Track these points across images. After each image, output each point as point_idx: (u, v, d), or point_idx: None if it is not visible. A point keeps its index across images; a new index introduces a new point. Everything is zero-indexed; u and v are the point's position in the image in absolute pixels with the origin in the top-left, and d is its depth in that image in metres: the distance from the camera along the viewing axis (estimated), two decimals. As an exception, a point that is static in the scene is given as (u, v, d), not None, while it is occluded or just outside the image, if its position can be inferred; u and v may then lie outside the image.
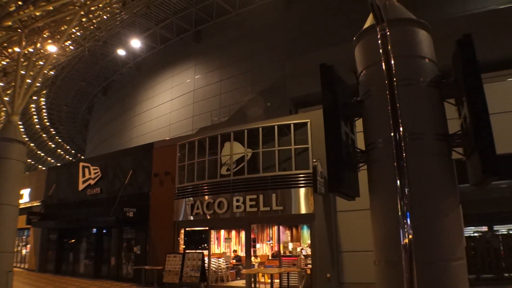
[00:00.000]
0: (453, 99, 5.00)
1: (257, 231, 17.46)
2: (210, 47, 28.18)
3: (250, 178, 14.04)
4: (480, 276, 14.17)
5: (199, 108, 27.13)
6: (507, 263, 14.31)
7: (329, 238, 12.70)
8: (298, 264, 14.05)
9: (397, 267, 3.87)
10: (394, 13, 5.08)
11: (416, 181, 4.17)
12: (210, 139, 15.55)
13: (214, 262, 15.54)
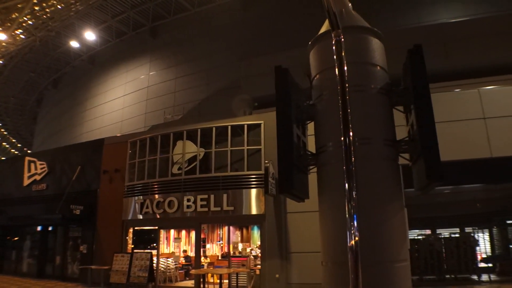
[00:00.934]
0: (402, 107, 5.18)
1: (208, 231, 17.37)
2: (166, 43, 27.78)
3: (202, 177, 13.95)
4: (423, 277, 14.77)
5: (152, 105, 26.67)
6: (448, 265, 14.97)
7: (279, 239, 12.82)
8: (248, 264, 14.10)
9: (343, 268, 3.95)
10: (349, 20, 5.18)
11: (364, 185, 4.28)
12: (163, 137, 15.32)
13: (162, 262, 15.31)
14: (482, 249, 16.60)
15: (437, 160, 4.16)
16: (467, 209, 16.80)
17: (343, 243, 3.92)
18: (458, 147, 12.28)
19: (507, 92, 13.35)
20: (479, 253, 16.08)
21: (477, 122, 12.60)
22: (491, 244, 16.95)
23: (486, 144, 12.38)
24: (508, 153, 12.28)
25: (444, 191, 14.10)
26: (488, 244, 16.94)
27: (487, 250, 16.80)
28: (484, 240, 16.83)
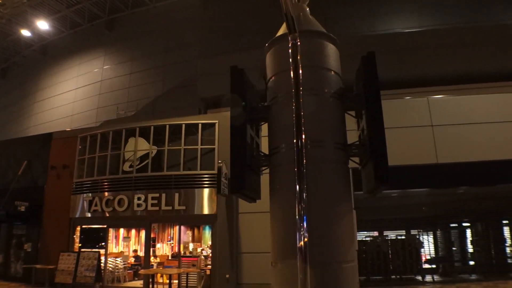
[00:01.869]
0: (354, 112, 5.31)
1: (158, 231, 17.11)
2: (122, 37, 27.10)
3: (154, 176, 13.73)
4: (370, 278, 15.21)
5: (105, 100, 25.93)
6: (394, 266, 15.51)
7: (230, 239, 12.82)
8: (198, 264, 14.00)
9: (292, 268, 3.98)
10: (306, 25, 5.25)
11: (314, 186, 4.34)
12: (114, 133, 14.94)
13: (111, 261, 14.94)
14: (427, 251, 17.28)
15: (385, 164, 4.29)
16: (413, 212, 17.48)
17: (293, 244, 3.96)
18: (406, 153, 12.76)
19: (454, 102, 14.02)
20: (423, 255, 16.76)
21: (425, 129, 13.15)
22: (435, 246, 17.68)
23: (432, 151, 12.95)
24: (453, 160, 12.91)
25: (392, 194, 14.58)
26: (432, 246, 17.65)
27: (431, 252, 17.50)
28: (429, 242, 17.53)
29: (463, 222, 17.57)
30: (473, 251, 17.01)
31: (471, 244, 17.20)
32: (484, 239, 16.61)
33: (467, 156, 12.95)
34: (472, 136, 13.19)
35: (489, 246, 16.39)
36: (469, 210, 16.90)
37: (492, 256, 16.30)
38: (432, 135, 13.08)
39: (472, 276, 15.66)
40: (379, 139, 4.37)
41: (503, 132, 13.30)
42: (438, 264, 16.58)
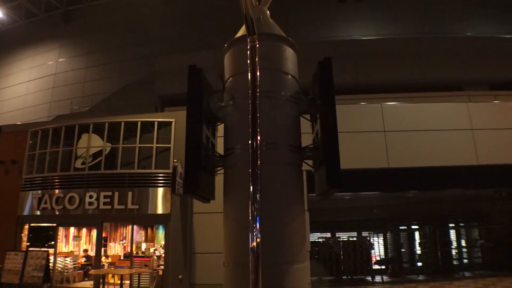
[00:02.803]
0: (309, 115, 5.40)
1: (110, 230, 16.71)
2: (80, 30, 26.29)
3: (107, 173, 13.40)
4: (322, 278, 15.47)
5: (59, 94, 25.09)
6: (345, 267, 15.85)
7: (184, 239, 12.72)
8: (151, 265, 13.78)
9: (244, 269, 4.00)
10: (266, 27, 5.29)
11: (268, 188, 4.37)
12: (67, 128, 14.48)
13: (60, 261, 14.45)
14: (377, 252, 17.76)
15: (338, 167, 4.38)
16: (364, 215, 17.93)
17: (245, 245, 3.97)
18: (359, 157, 13.11)
19: (406, 109, 14.52)
20: (373, 256, 17.22)
21: (378, 134, 13.55)
22: (385, 247, 18.18)
23: (384, 155, 13.36)
24: (403, 165, 13.37)
25: (345, 197, 14.94)
26: (382, 248, 18.15)
27: (381, 253, 17.99)
28: (379, 244, 18.02)
29: (412, 225, 18.18)
30: (421, 253, 17.63)
31: (419, 246, 17.82)
32: (431, 242, 17.26)
33: (417, 162, 13.47)
34: (422, 143, 13.72)
35: (436, 248, 17.05)
36: (418, 213, 17.54)
37: (439, 257, 16.97)
38: (385, 141, 13.50)
39: (419, 276, 16.23)
40: (332, 143, 4.46)
41: (450, 140, 13.93)
42: (387, 265, 17.09)
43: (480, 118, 14.39)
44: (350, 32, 21.00)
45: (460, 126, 14.14)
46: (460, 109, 14.52)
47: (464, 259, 17.95)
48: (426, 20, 21.24)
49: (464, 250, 18.30)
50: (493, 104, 15.93)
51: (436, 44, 19.22)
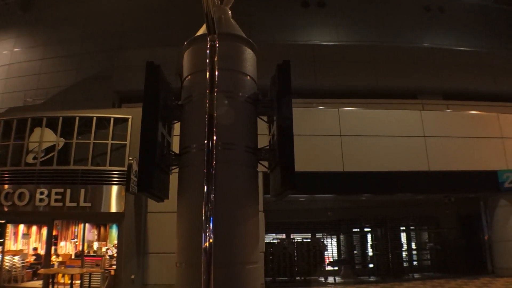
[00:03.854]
0: (266, 117, 5.43)
1: (61, 228, 16.17)
2: (37, 20, 25.20)
3: (59, 169, 12.95)
4: (275, 279, 15.57)
5: (12, 85, 23.98)
6: (299, 268, 16.02)
7: (137, 238, 12.49)
8: (102, 264, 13.45)
9: (197, 269, 3.98)
10: (227, 27, 5.28)
11: (223, 188, 4.37)
12: (19, 121, 13.88)
13: (8, 260, 13.85)
14: (330, 254, 18.08)
15: (292, 169, 4.43)
16: (319, 217, 18.22)
17: (198, 245, 3.95)
18: (316, 160, 13.32)
19: (362, 114, 14.87)
20: (327, 257, 17.52)
21: (334, 138, 13.80)
22: (338, 249, 18.54)
23: (340, 159, 13.62)
24: (357, 169, 13.68)
25: (300, 198, 15.11)
26: (335, 249, 18.49)
27: (334, 254, 18.33)
28: (332, 245, 18.35)
29: (364, 227, 18.60)
30: (372, 255, 18.06)
31: (371, 248, 18.24)
32: (383, 244, 17.71)
33: (371, 166, 13.81)
34: (376, 148, 14.09)
35: (387, 251, 17.53)
36: (371, 216, 17.97)
37: (390, 259, 17.45)
38: (340, 145, 13.77)
39: (371, 278, 16.63)
40: (288, 145, 4.50)
41: (404, 146, 14.38)
42: (340, 266, 17.41)
43: (432, 126, 14.93)
44: (311, 37, 21.28)
45: (413, 133, 14.62)
46: (413, 117, 15.01)
47: (414, 261, 18.55)
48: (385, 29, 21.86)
49: (414, 253, 18.92)
50: (445, 113, 16.60)
51: (393, 52, 19.82)
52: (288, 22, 21.27)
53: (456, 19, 22.83)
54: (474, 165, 14.78)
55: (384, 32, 21.74)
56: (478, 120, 15.84)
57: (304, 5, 21.87)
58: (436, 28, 22.46)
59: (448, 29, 22.66)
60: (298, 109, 13.29)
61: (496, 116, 15.90)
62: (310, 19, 21.78)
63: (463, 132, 15.17)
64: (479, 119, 15.88)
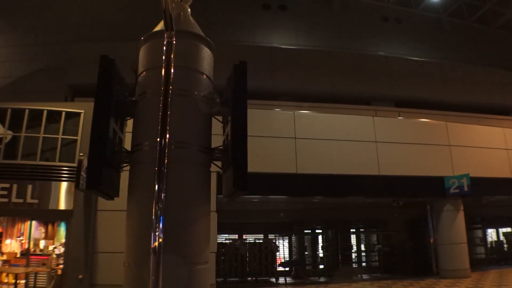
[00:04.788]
0: (221, 117, 5.41)
1: (6, 225, 15.47)
2: (-10, 8, 24.05)
3: (5, 164, 12.37)
4: (227, 279, 15.56)
5: (-42, 74, 22.75)
6: (251, 268, 16.08)
7: (86, 237, 12.15)
8: (49, 263, 12.99)
9: (145, 269, 3.92)
10: (185, 25, 5.23)
11: (174, 187, 4.32)
12: (-36, 112, 13.19)
13: None
14: (282, 255, 18.26)
15: (245, 170, 4.44)
16: (272, 218, 18.38)
17: (147, 244, 3.90)
18: (270, 161, 13.42)
19: (317, 118, 15.12)
20: (278, 258, 17.68)
21: (288, 140, 13.94)
22: (290, 250, 18.75)
23: (294, 161, 13.77)
24: (310, 171, 13.89)
25: (253, 199, 15.17)
26: (287, 250, 18.69)
27: (285, 255, 18.53)
28: (284, 246, 18.55)
29: (316, 229, 18.92)
30: (323, 256, 18.40)
31: (321, 249, 18.59)
32: (333, 245, 18.10)
33: (324, 169, 14.05)
34: (329, 151, 14.35)
35: (337, 252, 17.92)
36: (322, 218, 18.32)
37: (339, 260, 17.84)
38: (295, 147, 13.93)
39: (321, 278, 16.94)
40: (241, 146, 4.51)
41: (356, 150, 14.73)
42: (291, 267, 17.63)
43: (384, 132, 15.39)
44: (271, 39, 21.44)
45: (365, 138, 15.01)
46: (366, 122, 15.42)
47: (363, 262, 19.07)
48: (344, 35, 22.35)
49: (363, 254, 19.44)
50: (397, 120, 17.18)
51: (350, 59, 20.31)
52: (249, 23, 21.34)
53: (411, 30, 23.68)
54: (422, 170, 15.37)
55: (342, 39, 22.23)
56: (427, 127, 16.50)
57: (265, 7, 22.03)
58: (392, 38, 23.21)
59: (404, 39, 23.46)
60: (254, 110, 13.40)
61: (444, 125, 16.62)
62: (270, 21, 21.94)
63: (413, 138, 15.75)
64: (428, 127, 16.54)
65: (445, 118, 18.19)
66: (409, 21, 23.80)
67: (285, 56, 19.19)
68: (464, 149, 16.37)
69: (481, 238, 21.22)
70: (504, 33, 25.64)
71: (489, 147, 16.92)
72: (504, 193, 17.25)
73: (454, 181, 15.23)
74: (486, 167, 16.33)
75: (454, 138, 16.36)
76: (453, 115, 19.49)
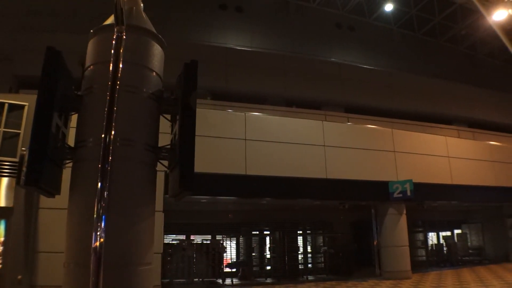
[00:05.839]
0: (170, 115, 5.34)
1: None
2: None
3: None
4: (173, 280, 15.35)
5: None
6: (197, 269, 15.95)
7: (26, 236, 11.63)
8: (-15, 263, 12.32)
9: (85, 270, 3.81)
10: (137, 20, 5.13)
11: (118, 186, 4.22)
12: None
13: None
14: (229, 256, 18.25)
15: (191, 170, 4.40)
16: (220, 219, 18.34)
17: (88, 244, 3.80)
18: (220, 162, 13.39)
19: (268, 120, 15.25)
20: (226, 259, 17.65)
21: (239, 141, 13.96)
22: (237, 251, 18.77)
23: (243, 162, 13.80)
24: (260, 173, 13.97)
25: (202, 200, 15.08)
26: (234, 251, 18.70)
27: (233, 256, 18.53)
28: (231, 247, 18.55)
29: (264, 230, 19.05)
30: (270, 257, 18.55)
31: (269, 250, 18.74)
32: (280, 247, 18.29)
33: (273, 171, 14.16)
34: (279, 154, 14.49)
35: (284, 253, 18.12)
36: (270, 219, 18.46)
37: (286, 262, 18.05)
38: (245, 148, 13.97)
39: (267, 279, 17.07)
40: (189, 146, 4.47)
41: (305, 153, 14.96)
42: (238, 268, 17.65)
43: (333, 137, 15.74)
44: (226, 40, 21.41)
45: (314, 142, 15.28)
46: (316, 126, 15.70)
47: (309, 264, 19.38)
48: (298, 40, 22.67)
49: (309, 256, 19.77)
50: (346, 125, 17.64)
51: (303, 63, 20.64)
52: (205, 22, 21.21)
53: (363, 39, 24.36)
54: (368, 175, 15.86)
55: (296, 43, 22.54)
56: (374, 133, 17.05)
57: (222, 7, 21.98)
58: (345, 45, 23.78)
59: (356, 47, 24.11)
60: (205, 110, 13.35)
61: (390, 132, 17.23)
62: (226, 22, 21.91)
63: (360, 144, 16.22)
64: (375, 133, 17.09)
65: (391, 125, 18.87)
66: (362, 30, 24.51)
67: (240, 58, 19.24)
68: (408, 155, 17.06)
69: (422, 241, 22.17)
70: (451, 46, 26.96)
71: (432, 154, 17.74)
72: (445, 198, 18.17)
73: (398, 186, 15.80)
74: (428, 173, 17.10)
75: (399, 145, 17.01)
76: (399, 122, 20.24)
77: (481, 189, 18.72)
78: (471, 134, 22.53)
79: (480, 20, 21.93)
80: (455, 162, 18.22)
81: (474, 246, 23.74)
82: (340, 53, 23.35)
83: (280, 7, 23.01)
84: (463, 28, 25.48)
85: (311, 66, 20.63)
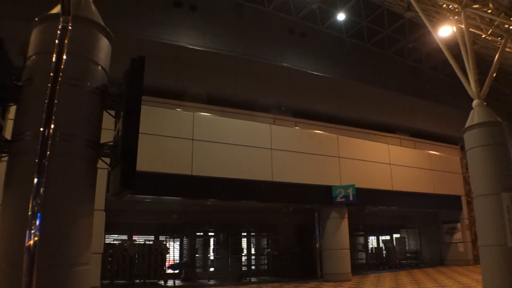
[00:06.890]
0: (114, 111, 5.19)
1: None
2: None
3: None
4: (113, 282, 14.93)
5: None
6: (139, 270, 15.63)
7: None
8: None
9: (17, 270, 3.64)
10: (84, 11, 4.95)
11: (56, 183, 4.06)
12: None
13: None
14: (172, 257, 18.02)
15: (133, 168, 4.31)
16: (164, 219, 18.07)
17: (21, 243, 3.62)
18: (165, 161, 13.20)
19: (216, 121, 15.23)
20: (168, 260, 17.42)
21: (185, 141, 13.83)
22: (181, 252, 18.57)
23: (189, 163, 13.68)
24: (206, 174, 13.91)
25: (145, 200, 14.79)
26: (177, 252, 18.49)
27: (176, 257, 18.31)
28: (175, 248, 18.32)
29: (208, 231, 18.98)
30: (214, 259, 18.50)
31: (213, 252, 18.69)
32: (224, 248, 18.28)
33: (219, 172, 14.17)
34: (226, 155, 14.51)
35: (227, 255, 18.13)
36: (215, 221, 18.43)
37: (229, 263, 18.06)
38: (191, 148, 13.86)
39: (210, 281, 17.02)
40: (131, 143, 4.37)
41: (252, 156, 15.09)
42: (181, 269, 17.47)
43: (280, 140, 15.96)
44: (178, 38, 21.10)
45: (261, 145, 15.43)
46: (263, 129, 15.88)
47: (252, 265, 19.50)
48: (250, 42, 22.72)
49: (253, 258, 19.90)
50: (293, 129, 17.93)
51: (254, 66, 20.71)
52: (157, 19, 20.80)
53: (314, 45, 24.80)
54: (313, 179, 16.21)
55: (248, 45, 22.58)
56: (320, 139, 17.45)
57: (176, 4, 21.65)
58: (296, 51, 24.09)
59: (307, 53, 24.48)
60: (152, 108, 13.13)
61: (336, 137, 17.71)
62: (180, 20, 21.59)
63: (306, 148, 16.55)
64: (321, 138, 17.50)
65: (337, 131, 19.36)
66: (314, 37, 24.94)
67: (191, 56, 19.03)
68: (352, 161, 17.59)
69: (363, 244, 22.92)
70: (398, 58, 28.02)
71: (375, 161, 18.41)
72: (385, 204, 18.91)
73: (341, 191, 16.26)
74: (370, 179, 17.72)
75: (344, 151, 17.51)
76: (344, 129, 20.79)
77: (419, 195, 19.67)
78: (412, 143, 23.55)
79: (427, 35, 23.04)
80: (396, 169, 19.00)
81: (411, 250, 24.84)
82: (291, 58, 23.63)
83: (235, 9, 23.01)
84: (410, 41, 26.59)
85: (262, 69, 20.77)
